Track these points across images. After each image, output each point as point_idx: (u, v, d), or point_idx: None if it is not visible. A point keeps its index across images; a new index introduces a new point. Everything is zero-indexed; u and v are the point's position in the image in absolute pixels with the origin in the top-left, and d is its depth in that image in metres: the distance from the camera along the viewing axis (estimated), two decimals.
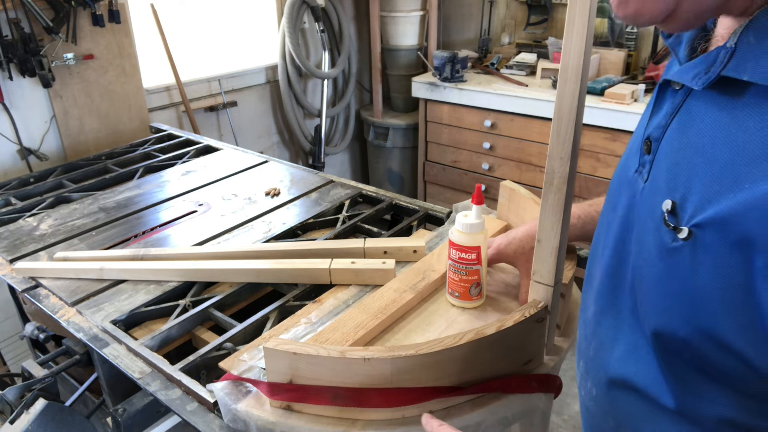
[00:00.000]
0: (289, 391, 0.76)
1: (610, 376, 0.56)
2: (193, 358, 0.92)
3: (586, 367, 0.62)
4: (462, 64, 2.83)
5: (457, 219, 0.91)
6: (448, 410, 0.76)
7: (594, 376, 0.60)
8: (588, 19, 0.62)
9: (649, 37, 2.69)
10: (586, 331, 0.62)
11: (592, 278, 0.63)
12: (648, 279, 0.49)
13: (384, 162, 3.34)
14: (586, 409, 0.63)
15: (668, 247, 0.46)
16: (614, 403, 0.56)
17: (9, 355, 1.98)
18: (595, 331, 0.59)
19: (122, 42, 2.17)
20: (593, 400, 0.60)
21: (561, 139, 0.69)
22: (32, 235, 1.38)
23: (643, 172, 0.54)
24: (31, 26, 1.88)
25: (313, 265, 1.11)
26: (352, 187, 1.58)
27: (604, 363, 0.57)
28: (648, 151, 0.54)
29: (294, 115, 3.00)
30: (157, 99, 2.46)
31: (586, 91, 0.67)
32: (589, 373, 0.61)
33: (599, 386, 0.59)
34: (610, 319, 0.57)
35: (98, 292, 1.13)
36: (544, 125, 2.55)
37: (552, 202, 0.73)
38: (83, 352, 1.05)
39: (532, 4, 2.98)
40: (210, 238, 1.34)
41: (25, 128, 2.00)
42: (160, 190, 1.63)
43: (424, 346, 0.72)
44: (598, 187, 2.48)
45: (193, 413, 0.83)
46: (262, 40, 2.97)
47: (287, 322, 0.98)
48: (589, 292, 0.63)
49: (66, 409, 0.99)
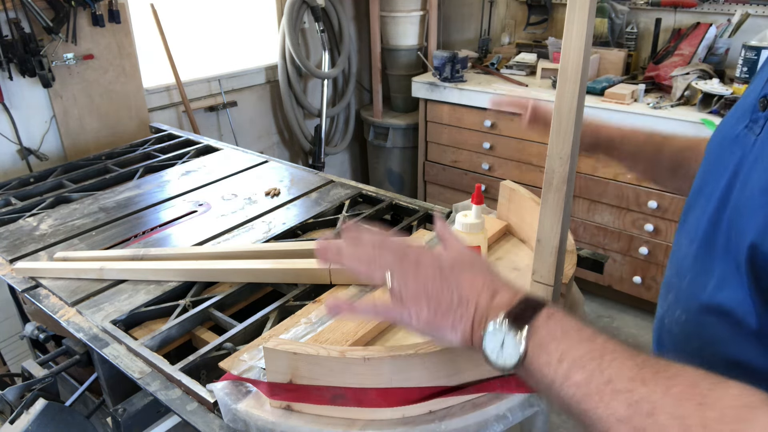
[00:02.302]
0: (289, 391, 0.76)
1: (702, 302, 0.62)
2: (193, 358, 0.92)
3: (677, 297, 0.68)
4: (462, 64, 2.83)
5: (457, 219, 0.91)
6: (448, 410, 0.76)
7: (685, 303, 0.66)
8: (588, 19, 0.62)
9: (649, 37, 2.69)
10: (681, 266, 0.69)
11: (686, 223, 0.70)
12: (749, 211, 0.55)
13: (384, 162, 3.34)
14: (669, 333, 0.70)
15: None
16: (702, 327, 0.62)
17: (9, 355, 1.99)
18: (692, 265, 0.66)
19: (122, 42, 2.17)
20: (680, 325, 0.67)
21: (561, 139, 0.69)
22: (32, 235, 1.38)
23: (754, 128, 0.60)
24: (31, 26, 1.88)
25: (313, 265, 1.11)
26: (352, 187, 1.58)
27: (698, 291, 0.63)
28: (764, 108, 0.59)
29: (294, 115, 3.00)
30: (157, 99, 2.46)
31: (586, 91, 0.67)
32: (679, 302, 0.67)
33: (689, 312, 0.65)
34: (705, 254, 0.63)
35: (98, 292, 1.13)
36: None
37: (552, 201, 0.73)
38: (83, 352, 1.05)
39: (532, 4, 2.98)
40: (210, 238, 1.34)
41: (25, 128, 2.00)
42: (160, 190, 1.63)
43: (424, 346, 0.72)
44: (598, 187, 2.48)
45: (193, 413, 0.83)
46: (262, 40, 2.97)
47: (287, 322, 0.98)
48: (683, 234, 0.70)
49: (66, 409, 0.99)
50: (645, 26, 2.72)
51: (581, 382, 0.50)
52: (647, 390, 0.46)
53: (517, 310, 0.56)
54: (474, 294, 0.60)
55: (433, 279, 0.62)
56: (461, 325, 0.60)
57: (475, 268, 0.63)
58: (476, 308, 0.59)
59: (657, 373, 0.47)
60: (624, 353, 0.50)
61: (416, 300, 0.62)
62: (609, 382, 0.48)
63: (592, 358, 0.51)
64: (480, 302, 0.59)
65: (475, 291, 0.60)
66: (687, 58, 2.45)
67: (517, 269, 1.06)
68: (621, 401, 0.47)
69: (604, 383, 0.49)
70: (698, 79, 2.29)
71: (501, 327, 0.56)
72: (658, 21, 2.62)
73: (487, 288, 0.60)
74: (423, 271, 0.63)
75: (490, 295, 0.60)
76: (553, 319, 0.55)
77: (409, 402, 0.74)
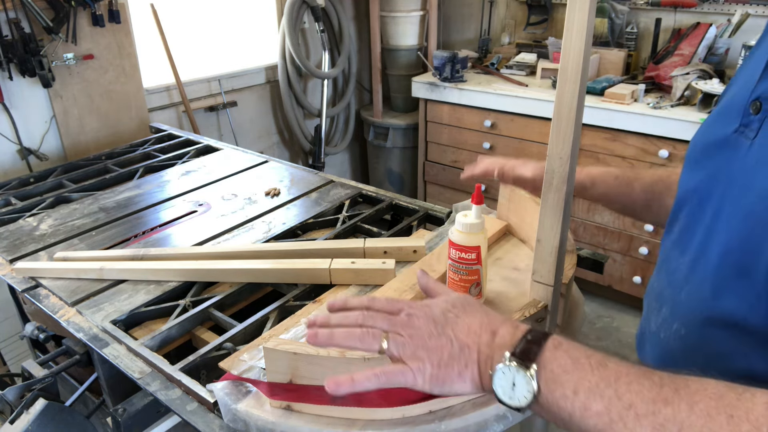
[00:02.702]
0: (289, 391, 0.76)
1: (704, 314, 0.60)
2: (193, 358, 0.92)
3: (673, 310, 0.66)
4: (462, 64, 2.83)
5: (456, 219, 0.91)
6: (448, 410, 0.76)
7: (684, 317, 0.64)
8: (588, 19, 0.62)
9: (649, 37, 2.69)
10: (674, 278, 0.66)
11: (673, 233, 0.69)
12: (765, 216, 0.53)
13: (384, 162, 3.34)
14: (667, 349, 0.68)
15: None
16: (705, 340, 0.60)
17: (9, 355, 1.99)
18: (688, 276, 0.64)
19: (122, 42, 2.17)
20: (680, 339, 0.64)
21: (561, 139, 0.69)
22: (32, 235, 1.38)
23: (747, 132, 0.58)
24: (31, 26, 1.88)
25: (313, 265, 1.11)
26: (352, 187, 1.58)
27: (698, 304, 0.61)
28: (757, 111, 0.58)
29: (294, 115, 3.00)
30: (157, 99, 2.46)
31: (586, 91, 0.67)
32: (676, 315, 0.65)
33: (690, 326, 0.62)
34: (704, 265, 0.61)
35: (98, 292, 1.13)
36: (544, 125, 2.55)
37: (552, 202, 0.73)
38: (83, 352, 1.05)
39: (532, 4, 2.98)
40: (210, 238, 1.34)
41: (25, 128, 2.01)
42: (160, 190, 1.63)
43: None
44: None
45: (193, 413, 0.83)
46: (262, 40, 2.97)
47: (287, 322, 0.98)
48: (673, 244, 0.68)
49: (66, 409, 0.99)
50: (645, 26, 2.72)
51: (602, 411, 0.49)
52: (671, 410, 0.45)
53: (522, 347, 0.55)
54: (473, 338, 0.59)
55: (428, 333, 0.60)
56: (468, 372, 0.58)
57: (468, 311, 0.62)
58: (479, 352, 0.58)
59: (678, 390, 0.46)
60: (639, 374, 0.49)
61: (416, 358, 0.59)
62: (630, 407, 0.47)
63: (608, 384, 0.49)
64: (481, 345, 0.58)
65: (474, 335, 0.59)
66: (687, 58, 2.45)
67: (517, 269, 1.06)
68: (646, 426, 0.46)
69: (626, 409, 0.47)
70: (698, 79, 2.29)
71: (509, 367, 0.54)
72: (658, 21, 2.62)
73: (485, 329, 0.59)
74: (417, 326, 0.61)
75: (490, 336, 0.58)
76: (561, 349, 0.53)
77: (409, 402, 0.74)
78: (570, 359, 0.52)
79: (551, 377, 0.52)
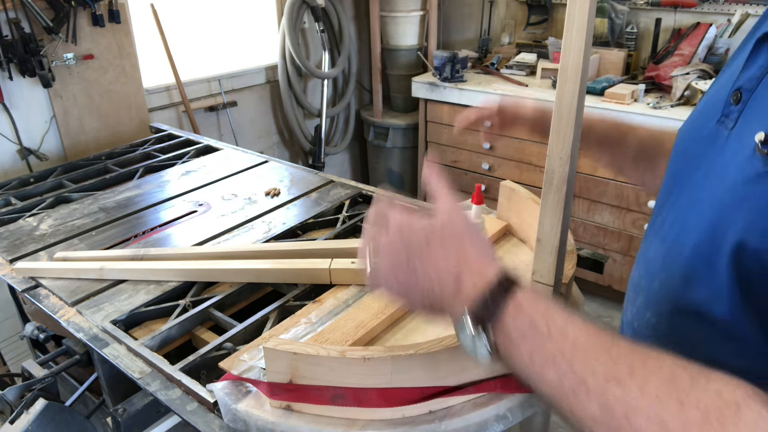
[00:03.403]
0: (289, 391, 0.76)
1: (674, 304, 0.61)
2: (193, 358, 0.92)
3: (646, 300, 0.66)
4: (462, 64, 2.83)
5: None
6: (448, 410, 0.76)
7: (656, 306, 0.64)
8: (588, 19, 0.62)
9: (649, 37, 2.69)
10: (650, 268, 0.67)
11: (656, 224, 0.69)
12: (731, 206, 0.53)
13: (384, 162, 3.34)
14: (640, 339, 0.67)
15: (759, 171, 0.50)
16: (674, 329, 0.61)
17: (9, 355, 1.98)
18: (663, 266, 0.64)
19: (122, 42, 2.17)
20: (650, 329, 0.65)
21: (561, 139, 0.69)
22: (32, 235, 1.38)
23: (726, 122, 0.58)
24: (31, 26, 1.88)
25: (313, 265, 1.10)
26: (352, 187, 1.58)
27: (669, 293, 0.62)
28: (737, 101, 0.58)
29: (294, 115, 3.00)
30: (157, 99, 2.46)
31: (586, 91, 0.67)
32: (649, 305, 0.65)
33: (660, 315, 0.63)
34: (678, 254, 0.62)
35: (98, 292, 1.13)
36: None
37: (552, 202, 0.73)
38: (83, 352, 1.05)
39: (532, 4, 2.98)
40: (210, 238, 1.34)
41: (25, 128, 2.00)
42: (160, 190, 1.63)
43: (424, 346, 0.72)
44: (597, 187, 2.48)
45: (193, 413, 0.83)
46: (262, 40, 2.97)
47: (287, 322, 0.98)
48: (654, 235, 0.69)
49: (66, 409, 0.99)
50: (645, 26, 2.72)
51: (555, 381, 0.49)
52: (622, 391, 0.45)
53: (480, 307, 0.53)
54: (437, 281, 0.57)
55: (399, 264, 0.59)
56: (437, 314, 0.58)
57: (444, 242, 0.59)
58: (442, 299, 0.57)
59: (632, 369, 0.46)
60: (598, 347, 0.48)
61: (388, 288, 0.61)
62: (583, 382, 0.47)
63: (563, 356, 0.49)
64: (445, 291, 0.57)
65: (439, 277, 0.57)
66: (687, 58, 2.45)
67: (517, 269, 1.06)
68: (594, 403, 0.46)
69: (578, 383, 0.47)
70: (698, 79, 2.29)
71: (466, 325, 0.54)
72: (658, 21, 2.62)
73: (450, 273, 0.57)
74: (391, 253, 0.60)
75: (454, 282, 0.56)
76: (521, 313, 0.52)
77: (409, 402, 0.74)
78: (528, 324, 0.51)
79: (507, 341, 0.52)
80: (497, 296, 0.53)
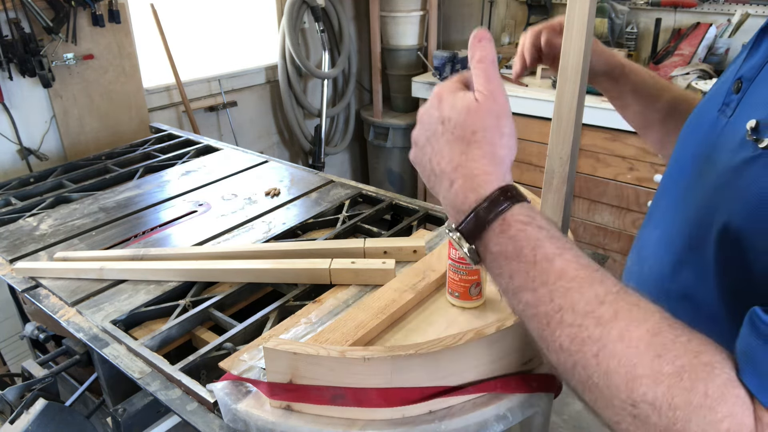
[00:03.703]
0: (289, 391, 0.76)
1: (662, 287, 0.62)
2: (193, 358, 0.92)
3: (637, 285, 0.67)
4: (462, 64, 2.83)
5: None
6: (448, 410, 0.76)
7: (644, 290, 0.64)
8: (588, 19, 0.62)
9: (649, 37, 2.69)
10: (641, 253, 0.69)
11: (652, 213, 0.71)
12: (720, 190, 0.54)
13: (384, 162, 3.34)
14: None
15: (748, 157, 0.51)
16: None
17: (9, 355, 1.99)
18: (653, 251, 0.66)
19: (122, 42, 2.17)
20: None
21: (561, 139, 0.69)
22: (32, 235, 1.38)
23: (726, 110, 0.60)
24: (31, 26, 1.88)
25: (313, 265, 1.10)
26: (352, 187, 1.58)
27: (657, 277, 0.63)
28: (737, 90, 0.59)
29: (294, 115, 3.00)
30: (157, 99, 2.46)
31: (586, 91, 0.67)
32: (638, 290, 0.66)
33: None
34: (668, 240, 0.64)
35: (98, 292, 1.13)
36: (544, 125, 2.55)
37: (552, 202, 0.73)
38: (83, 352, 1.05)
39: (532, 4, 2.98)
40: (210, 238, 1.34)
41: (25, 128, 2.01)
42: (160, 190, 1.63)
43: (424, 346, 0.72)
44: (597, 187, 2.48)
45: (193, 413, 0.83)
46: (262, 40, 2.97)
47: (287, 322, 0.98)
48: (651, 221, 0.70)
49: (66, 409, 0.99)
50: (645, 26, 2.72)
51: (530, 302, 0.48)
52: (600, 331, 0.44)
53: (468, 222, 0.52)
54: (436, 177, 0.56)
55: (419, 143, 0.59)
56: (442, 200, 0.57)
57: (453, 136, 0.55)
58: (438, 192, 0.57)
59: (617, 314, 0.45)
60: (586, 281, 0.47)
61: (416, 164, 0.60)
62: (559, 311, 0.46)
63: (545, 283, 0.48)
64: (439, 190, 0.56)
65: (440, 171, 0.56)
66: (687, 58, 2.45)
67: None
68: (566, 335, 0.45)
69: (554, 312, 0.47)
70: (698, 79, 2.29)
71: (454, 234, 0.54)
72: (658, 21, 2.62)
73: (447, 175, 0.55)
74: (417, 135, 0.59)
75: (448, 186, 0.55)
76: (506, 235, 0.50)
77: (409, 402, 0.74)
78: (513, 247, 0.50)
79: (491, 257, 0.52)
80: (486, 214, 0.51)
